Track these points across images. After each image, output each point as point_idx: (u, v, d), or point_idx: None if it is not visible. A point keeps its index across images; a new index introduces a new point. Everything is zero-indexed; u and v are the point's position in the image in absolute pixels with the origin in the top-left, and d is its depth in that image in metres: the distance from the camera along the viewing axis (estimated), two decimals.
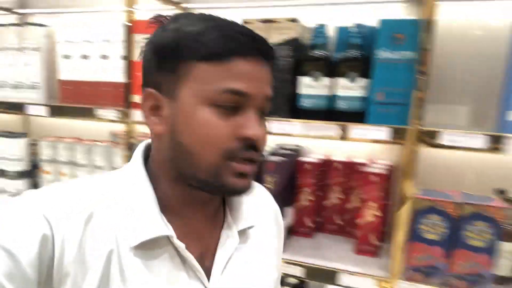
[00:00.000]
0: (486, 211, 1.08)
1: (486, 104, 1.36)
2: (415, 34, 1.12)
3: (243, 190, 0.61)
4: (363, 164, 1.41)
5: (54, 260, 0.53)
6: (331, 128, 1.16)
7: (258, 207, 0.77)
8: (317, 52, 1.24)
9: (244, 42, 0.56)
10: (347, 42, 1.27)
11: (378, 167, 1.36)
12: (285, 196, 1.32)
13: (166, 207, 0.62)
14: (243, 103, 0.58)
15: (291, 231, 1.46)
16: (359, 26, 1.23)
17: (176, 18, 0.60)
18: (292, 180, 1.42)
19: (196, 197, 0.63)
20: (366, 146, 1.53)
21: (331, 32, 1.38)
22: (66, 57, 1.54)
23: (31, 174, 1.74)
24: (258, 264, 0.72)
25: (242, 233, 0.70)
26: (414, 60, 1.12)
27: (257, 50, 0.58)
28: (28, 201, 0.56)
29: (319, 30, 1.25)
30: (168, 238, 0.60)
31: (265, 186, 1.30)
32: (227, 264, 0.66)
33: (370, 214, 1.30)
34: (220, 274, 0.64)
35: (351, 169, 1.44)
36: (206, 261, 0.64)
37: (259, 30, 1.29)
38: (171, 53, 0.57)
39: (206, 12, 0.62)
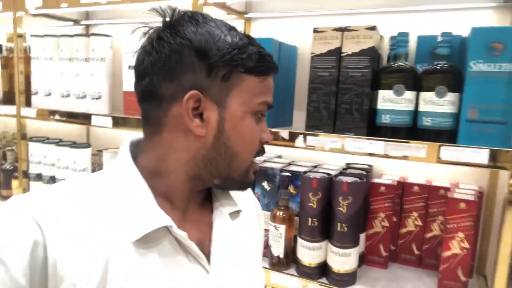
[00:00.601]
0: None
1: None
2: None
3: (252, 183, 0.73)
4: (446, 189, 1.26)
5: (48, 265, 0.53)
6: (417, 148, 1.03)
7: (237, 196, 0.78)
8: (398, 63, 1.12)
9: (273, 63, 0.66)
10: (433, 53, 1.14)
11: (466, 192, 1.20)
12: (357, 220, 1.19)
13: (162, 200, 0.64)
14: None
15: (363, 260, 1.33)
16: (446, 34, 1.09)
17: (203, 20, 0.61)
18: (365, 203, 1.29)
19: (194, 189, 0.67)
20: (444, 168, 1.37)
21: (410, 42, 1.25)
22: (132, 67, 1.52)
23: None
24: (247, 246, 0.76)
25: (231, 216, 0.74)
26: None
27: (276, 69, 0.67)
28: (17, 206, 0.55)
29: (401, 39, 1.13)
30: (167, 228, 0.61)
31: (337, 209, 1.20)
32: (224, 247, 0.69)
33: (457, 246, 1.14)
34: (218, 257, 0.67)
35: (432, 193, 1.28)
36: (204, 246, 0.66)
37: (333, 38, 1.20)
38: (226, 64, 0.60)
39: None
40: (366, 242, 1.34)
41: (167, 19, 0.62)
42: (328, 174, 1.26)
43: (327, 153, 1.46)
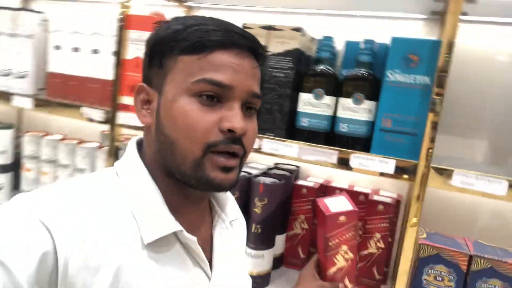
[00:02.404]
0: (502, 268, 0.93)
1: (507, 139, 1.21)
2: (432, 56, 0.98)
3: (228, 184, 0.59)
4: (366, 194, 1.27)
5: (58, 272, 0.51)
6: (330, 154, 1.02)
7: (229, 200, 0.77)
8: (321, 67, 1.11)
9: (225, 35, 0.57)
10: (356, 59, 1.14)
11: (383, 197, 1.22)
12: (272, 222, 1.18)
13: (167, 203, 0.61)
14: (225, 95, 0.58)
15: (282, 261, 1.33)
16: (368, 42, 1.09)
17: (172, 19, 0.62)
18: (286, 204, 1.28)
19: (190, 191, 0.63)
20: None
21: (338, 46, 1.25)
22: (57, 48, 1.44)
23: (14, 169, 1.64)
24: (240, 253, 0.77)
25: (231, 224, 0.74)
26: (429, 86, 0.98)
27: (240, 43, 0.58)
28: (27, 209, 0.52)
29: (326, 43, 1.12)
30: (175, 233, 0.60)
31: (253, 210, 1.18)
32: (224, 254, 0.69)
33: (373, 246, 1.17)
34: (220, 264, 0.67)
35: (353, 198, 1.28)
36: (205, 252, 0.64)
37: (260, 36, 1.16)
38: (159, 50, 0.60)
39: (211, 12, 0.63)
40: (286, 243, 1.33)
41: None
42: (249, 173, 1.24)
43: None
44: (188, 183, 0.60)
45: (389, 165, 0.97)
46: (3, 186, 1.60)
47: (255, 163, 1.45)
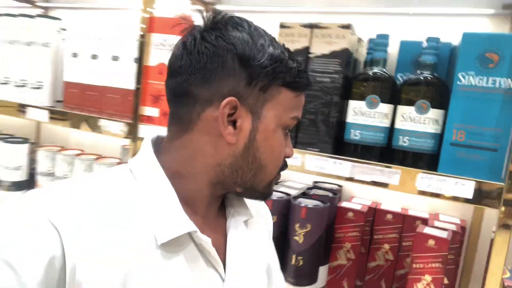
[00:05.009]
0: None
1: None
2: None
3: None
4: (424, 220, 1.08)
5: (66, 272, 0.50)
6: (390, 173, 0.85)
7: (248, 202, 0.75)
8: (376, 70, 0.94)
9: (309, 80, 0.65)
10: (416, 61, 0.97)
11: (446, 226, 1.02)
12: (315, 253, 1.01)
13: (184, 204, 0.60)
14: None
15: None
16: (433, 40, 0.92)
17: (248, 27, 0.59)
18: (328, 230, 1.11)
19: (215, 195, 0.65)
20: None
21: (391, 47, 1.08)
22: (74, 55, 1.32)
23: (29, 187, 1.52)
24: (258, 254, 0.74)
25: (245, 224, 0.72)
26: None
27: (310, 86, 0.67)
28: (34, 207, 0.52)
29: (380, 42, 0.95)
30: (188, 233, 0.59)
31: (293, 239, 1.02)
32: (238, 256, 0.67)
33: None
34: (234, 266, 0.65)
35: (407, 224, 1.11)
36: (219, 253, 0.63)
37: (300, 36, 1.02)
38: (267, 75, 0.59)
39: (244, 16, 0.61)
40: (328, 275, 1.15)
41: (211, 19, 0.60)
42: (287, 194, 1.07)
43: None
44: (245, 195, 0.67)
45: (466, 188, 0.79)
46: None
47: (291, 181, 1.28)
